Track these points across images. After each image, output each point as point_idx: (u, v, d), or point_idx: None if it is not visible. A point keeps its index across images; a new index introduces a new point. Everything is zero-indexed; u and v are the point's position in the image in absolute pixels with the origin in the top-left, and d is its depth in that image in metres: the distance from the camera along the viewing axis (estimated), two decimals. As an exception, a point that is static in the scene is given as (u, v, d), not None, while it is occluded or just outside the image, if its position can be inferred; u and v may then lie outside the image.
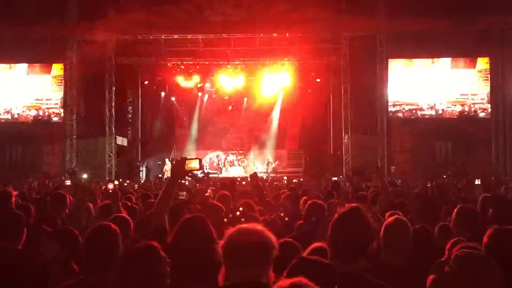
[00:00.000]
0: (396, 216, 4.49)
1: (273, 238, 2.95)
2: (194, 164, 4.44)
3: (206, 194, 7.19)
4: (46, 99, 25.99)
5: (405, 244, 4.15)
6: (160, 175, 27.48)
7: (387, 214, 5.46)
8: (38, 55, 25.37)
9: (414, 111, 25.41)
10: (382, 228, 4.24)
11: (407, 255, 4.12)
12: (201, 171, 10.50)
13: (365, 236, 3.34)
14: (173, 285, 3.44)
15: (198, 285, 3.52)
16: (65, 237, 4.61)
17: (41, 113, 25.95)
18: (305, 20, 23.46)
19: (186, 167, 4.42)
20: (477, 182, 14.74)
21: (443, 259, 4.18)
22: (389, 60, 25.18)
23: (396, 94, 25.38)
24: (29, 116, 25.92)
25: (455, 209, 5.41)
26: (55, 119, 26.00)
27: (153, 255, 3.18)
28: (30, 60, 25.89)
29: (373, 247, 4.26)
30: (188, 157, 4.56)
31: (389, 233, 4.18)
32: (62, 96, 25.91)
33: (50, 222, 6.06)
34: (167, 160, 29.03)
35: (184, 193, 7.47)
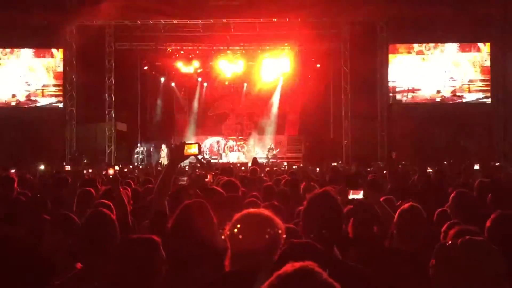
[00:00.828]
0: (411, 203, 4.52)
1: (280, 224, 2.96)
2: (194, 149, 4.44)
3: (206, 180, 7.18)
4: (45, 85, 25.92)
5: (419, 230, 4.19)
6: (160, 161, 27.57)
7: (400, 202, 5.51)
8: (37, 41, 25.29)
9: (414, 97, 25.37)
10: (397, 214, 4.29)
11: (421, 241, 4.15)
12: (201, 156, 10.54)
13: (336, 220, 3.40)
14: (175, 270, 3.46)
15: (200, 270, 3.53)
16: (67, 224, 4.61)
17: (40, 98, 25.90)
18: (305, 5, 23.36)
19: (185, 152, 4.42)
20: (476, 167, 14.78)
21: (443, 242, 4.18)
22: (390, 45, 25.09)
23: (397, 79, 25.31)
24: (28, 102, 25.87)
25: (452, 194, 5.44)
26: (55, 104, 25.95)
27: (151, 248, 3.19)
28: (29, 46, 25.81)
29: (376, 231, 4.29)
30: (187, 142, 4.55)
31: (404, 219, 4.22)
32: (61, 81, 25.85)
33: (41, 205, 6.08)
34: (163, 146, 29.12)
35: (185, 178, 7.49)
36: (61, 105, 25.85)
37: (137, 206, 7.06)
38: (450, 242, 3.49)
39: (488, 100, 24.95)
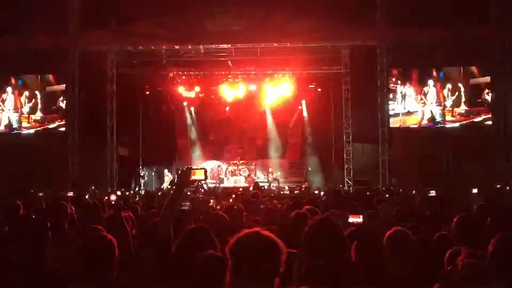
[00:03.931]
0: (397, 228, 4.53)
1: (282, 245, 2.93)
2: (200, 175, 4.48)
3: (209, 204, 7.22)
4: (48, 110, 25.99)
5: (408, 254, 4.20)
6: (162, 186, 27.58)
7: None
8: (39, 66, 25.41)
9: (415, 121, 25.38)
10: (385, 239, 4.29)
11: (412, 266, 4.16)
12: (204, 182, 10.57)
13: (337, 245, 3.41)
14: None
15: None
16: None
17: (42, 124, 25.92)
18: (305, 30, 23.60)
19: (191, 177, 4.45)
20: (474, 191, 14.76)
21: (448, 268, 4.22)
22: (390, 69, 25.18)
23: (397, 103, 25.37)
24: (30, 128, 25.92)
25: (454, 219, 5.46)
26: (56, 130, 25.97)
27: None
28: (31, 72, 25.92)
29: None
30: (194, 167, 4.58)
31: (391, 244, 4.23)
32: (63, 107, 25.93)
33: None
34: (166, 171, 29.16)
35: (188, 203, 7.51)
36: (63, 130, 25.85)
37: (141, 231, 7.08)
38: (451, 266, 3.54)
39: (489, 124, 24.94)
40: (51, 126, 25.92)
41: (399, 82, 25.30)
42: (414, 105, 25.31)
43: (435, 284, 3.81)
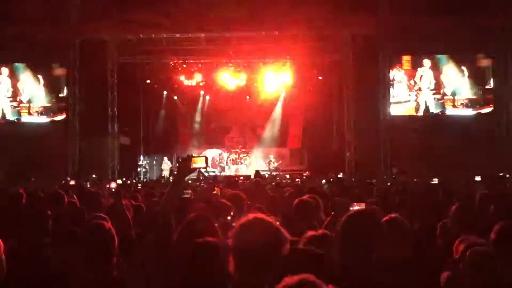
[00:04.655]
0: (391, 215, 4.49)
1: (284, 232, 2.91)
2: (201, 163, 4.45)
3: (213, 192, 7.21)
4: (49, 99, 25.96)
5: (401, 241, 4.16)
6: (163, 175, 27.65)
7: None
8: (41, 56, 25.35)
9: (417, 108, 25.30)
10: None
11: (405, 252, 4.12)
12: (205, 170, 10.56)
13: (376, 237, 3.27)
14: (181, 283, 3.48)
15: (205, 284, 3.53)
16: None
17: (44, 113, 25.91)
18: (307, 18, 23.48)
19: (192, 165, 4.43)
20: (478, 178, 14.76)
21: (456, 256, 4.20)
22: (392, 57, 25.09)
23: (399, 91, 25.30)
24: (32, 113, 25.89)
25: (453, 207, 5.45)
26: (58, 119, 25.97)
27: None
28: (33, 61, 25.88)
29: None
30: (195, 155, 4.56)
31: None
32: (65, 96, 25.90)
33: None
34: (165, 158, 29.24)
35: (189, 191, 7.50)
36: (64, 119, 25.83)
37: (142, 219, 7.08)
38: (459, 255, 3.52)
39: (491, 111, 24.88)
40: (52, 115, 25.88)
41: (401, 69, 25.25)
42: (406, 93, 25.16)
43: (443, 273, 3.79)
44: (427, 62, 24.94)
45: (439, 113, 24.86)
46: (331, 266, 3.11)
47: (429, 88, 24.95)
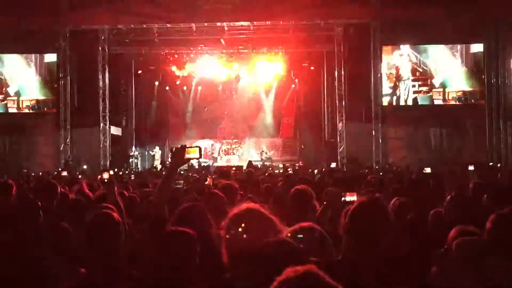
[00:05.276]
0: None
1: (277, 221, 2.89)
2: (194, 154, 4.43)
3: (206, 183, 7.19)
4: (39, 90, 25.77)
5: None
6: (155, 165, 27.59)
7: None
8: (31, 46, 25.13)
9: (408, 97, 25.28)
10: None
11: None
12: (197, 161, 10.54)
13: (384, 227, 3.21)
14: (174, 275, 3.45)
15: (198, 275, 3.51)
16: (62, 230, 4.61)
17: (34, 103, 25.73)
18: (298, 8, 23.41)
19: (185, 155, 4.40)
20: (471, 168, 14.80)
21: (442, 250, 4.18)
22: (384, 47, 25.04)
23: (390, 80, 25.28)
24: (21, 107, 25.71)
25: (448, 196, 5.45)
26: (48, 110, 25.80)
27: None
28: (23, 51, 25.65)
29: None
30: (188, 145, 4.53)
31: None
32: (55, 86, 25.71)
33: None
34: (157, 148, 29.19)
35: (182, 181, 7.47)
36: (55, 110, 25.66)
37: (135, 209, 7.03)
38: (445, 247, 3.49)
39: (482, 100, 24.91)
40: (42, 105, 25.68)
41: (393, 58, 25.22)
42: (407, 82, 25.18)
43: (432, 268, 3.75)
44: (405, 49, 24.89)
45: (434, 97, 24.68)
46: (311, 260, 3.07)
47: (409, 79, 24.91)
